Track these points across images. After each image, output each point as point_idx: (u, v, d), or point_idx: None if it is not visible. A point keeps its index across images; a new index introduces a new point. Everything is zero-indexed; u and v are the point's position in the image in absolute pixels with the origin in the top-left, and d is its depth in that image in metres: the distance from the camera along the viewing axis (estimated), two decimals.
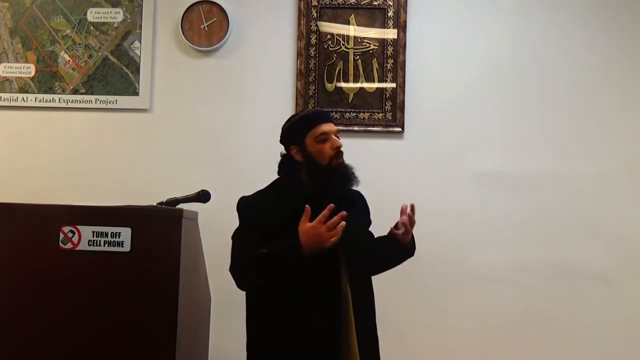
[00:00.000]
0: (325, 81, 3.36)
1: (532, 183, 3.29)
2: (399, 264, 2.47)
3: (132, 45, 3.43)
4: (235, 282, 2.19)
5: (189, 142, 3.40)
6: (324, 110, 2.36)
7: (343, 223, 2.07)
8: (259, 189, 2.29)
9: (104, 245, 2.52)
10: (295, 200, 2.16)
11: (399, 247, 2.36)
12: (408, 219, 2.30)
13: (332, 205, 2.08)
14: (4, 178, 3.40)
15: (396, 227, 2.35)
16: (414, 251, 2.44)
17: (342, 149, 2.24)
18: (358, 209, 2.33)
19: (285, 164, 2.29)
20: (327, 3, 3.37)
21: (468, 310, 3.26)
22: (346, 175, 2.24)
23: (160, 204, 2.67)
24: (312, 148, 2.22)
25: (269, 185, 2.30)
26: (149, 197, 2.86)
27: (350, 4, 3.37)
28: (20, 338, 2.50)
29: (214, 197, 2.75)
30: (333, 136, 2.23)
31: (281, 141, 2.31)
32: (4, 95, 3.46)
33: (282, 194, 2.23)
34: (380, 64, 3.35)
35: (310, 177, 2.23)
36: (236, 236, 2.24)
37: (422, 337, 3.26)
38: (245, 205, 2.24)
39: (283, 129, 2.31)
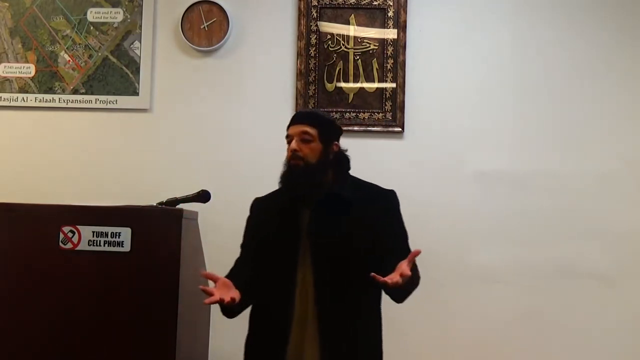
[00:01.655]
0: (325, 81, 3.36)
1: (532, 183, 3.29)
2: (405, 296, 2.19)
3: (132, 45, 3.43)
4: None
5: (189, 142, 3.39)
6: (300, 112, 2.29)
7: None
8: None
9: (104, 245, 2.52)
10: (283, 202, 2.22)
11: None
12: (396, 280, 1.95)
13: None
14: (4, 178, 3.40)
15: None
16: (412, 284, 2.13)
17: (299, 153, 2.14)
18: (356, 210, 2.19)
19: None
20: (327, 3, 3.37)
21: (468, 310, 3.26)
22: (291, 178, 2.18)
23: (160, 204, 2.67)
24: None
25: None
26: (149, 197, 2.86)
27: (350, 4, 3.37)
28: (20, 338, 2.50)
29: (214, 197, 2.75)
30: (295, 138, 2.17)
31: None
32: (4, 95, 3.46)
33: (280, 195, 2.26)
34: (380, 64, 3.34)
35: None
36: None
37: (422, 336, 3.26)
38: (250, 207, 2.34)
39: None
